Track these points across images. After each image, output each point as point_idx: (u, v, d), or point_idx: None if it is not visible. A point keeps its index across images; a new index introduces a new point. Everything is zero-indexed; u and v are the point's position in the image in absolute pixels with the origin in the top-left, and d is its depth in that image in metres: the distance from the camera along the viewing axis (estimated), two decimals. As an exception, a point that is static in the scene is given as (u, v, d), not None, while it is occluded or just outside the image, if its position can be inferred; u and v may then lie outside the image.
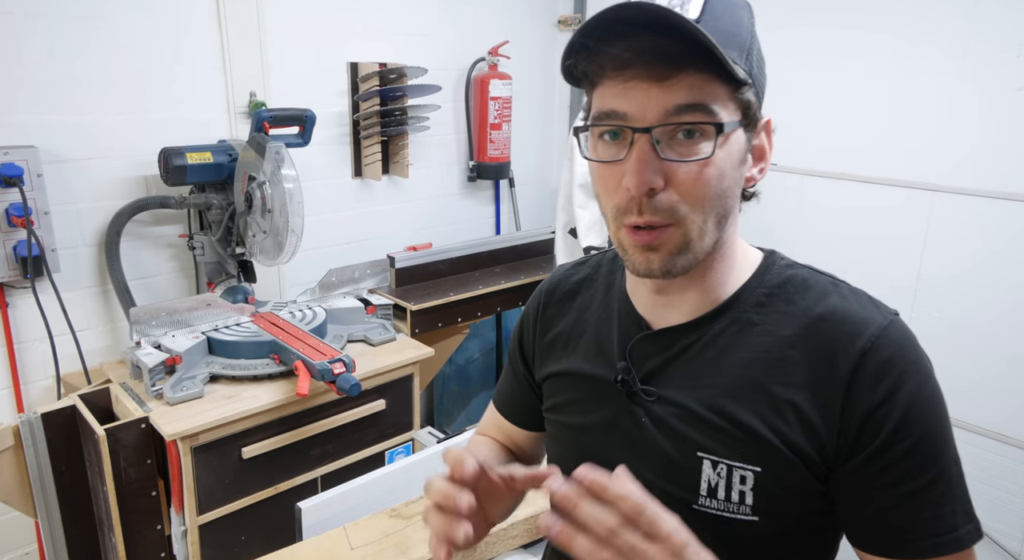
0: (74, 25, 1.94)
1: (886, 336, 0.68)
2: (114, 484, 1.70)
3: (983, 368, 2.12)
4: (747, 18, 0.68)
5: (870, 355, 0.67)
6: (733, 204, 0.69)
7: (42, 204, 1.92)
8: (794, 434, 0.67)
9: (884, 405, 0.66)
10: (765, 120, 0.70)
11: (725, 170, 0.66)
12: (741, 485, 0.69)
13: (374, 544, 1.27)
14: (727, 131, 0.64)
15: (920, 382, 0.67)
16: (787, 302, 0.72)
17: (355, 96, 2.52)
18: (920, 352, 0.69)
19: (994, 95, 2.00)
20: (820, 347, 0.68)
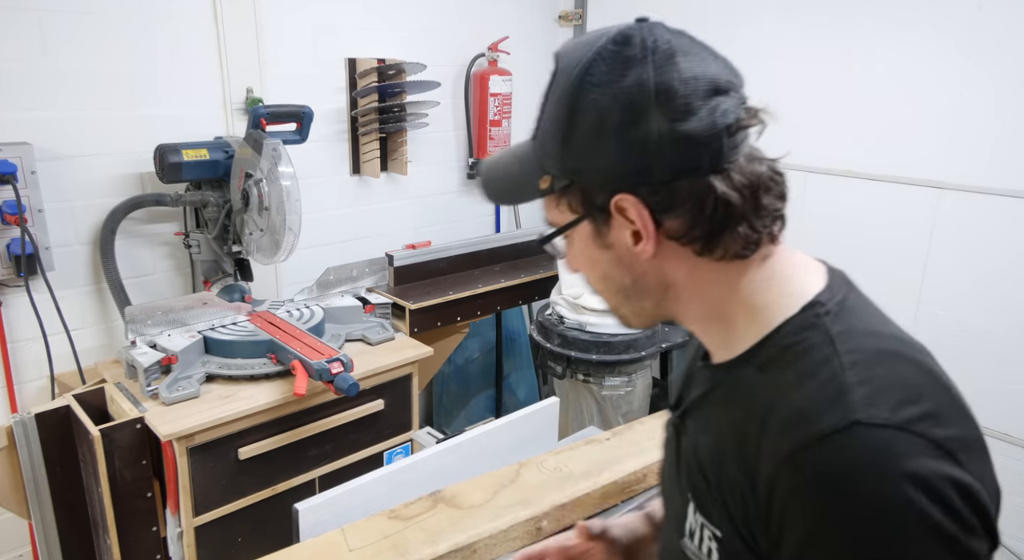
0: (68, 20, 1.91)
1: (815, 454, 0.57)
2: (109, 485, 1.68)
3: (989, 368, 2.10)
4: (559, 111, 0.67)
5: (787, 467, 0.58)
6: (628, 281, 0.71)
7: (36, 202, 1.91)
8: (744, 519, 0.64)
9: (796, 539, 0.58)
10: (612, 201, 0.66)
11: (587, 262, 0.74)
12: (710, 541, 0.69)
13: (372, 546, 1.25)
14: (562, 234, 0.74)
15: (830, 527, 0.56)
16: (779, 370, 0.65)
17: (353, 92, 2.50)
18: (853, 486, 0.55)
19: (1001, 90, 1.98)
20: (763, 432, 0.61)
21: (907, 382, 0.60)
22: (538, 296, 2.69)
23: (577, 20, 3.05)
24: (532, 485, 1.42)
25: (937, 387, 0.62)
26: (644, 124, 0.63)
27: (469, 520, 1.32)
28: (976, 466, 0.57)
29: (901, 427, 0.56)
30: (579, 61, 0.66)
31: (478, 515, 1.33)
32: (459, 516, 1.33)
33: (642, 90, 0.63)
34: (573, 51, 0.68)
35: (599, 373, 2.30)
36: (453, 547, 1.24)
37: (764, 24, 2.44)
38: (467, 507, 1.36)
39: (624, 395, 2.34)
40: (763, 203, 0.67)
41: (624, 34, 0.66)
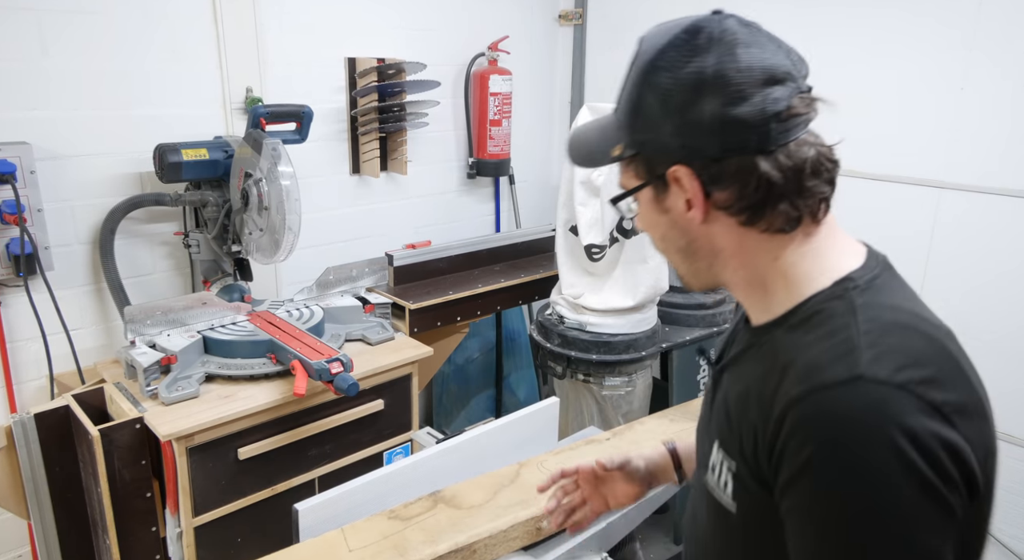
0: (67, 20, 1.91)
1: (819, 398, 0.65)
2: (108, 485, 1.68)
3: (990, 367, 2.08)
4: (633, 90, 0.77)
5: (794, 408, 0.66)
6: (680, 241, 0.81)
7: (35, 201, 1.90)
8: (754, 454, 0.73)
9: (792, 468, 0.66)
10: (670, 171, 0.75)
11: (649, 223, 0.83)
12: (727, 474, 0.78)
13: (372, 546, 1.25)
14: (630, 197, 0.83)
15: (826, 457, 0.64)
16: (804, 332, 0.73)
17: (353, 92, 2.50)
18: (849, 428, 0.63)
19: (1002, 89, 1.97)
20: (782, 378, 0.70)
21: (914, 349, 0.67)
22: (538, 296, 2.69)
23: (577, 19, 3.04)
24: (532, 485, 1.42)
25: (943, 357, 0.69)
26: (700, 106, 0.71)
27: (469, 520, 1.31)
28: (970, 429, 0.66)
29: (900, 386, 0.64)
30: (655, 46, 0.74)
31: (478, 515, 1.33)
32: (459, 516, 1.33)
33: (701, 76, 0.71)
34: (653, 37, 0.76)
35: (599, 373, 2.29)
36: (453, 547, 1.24)
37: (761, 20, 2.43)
38: (467, 507, 1.36)
39: (624, 395, 2.34)
40: (807, 185, 0.74)
41: (697, 25, 0.73)
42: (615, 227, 2.19)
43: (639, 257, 2.22)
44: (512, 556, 1.32)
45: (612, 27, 2.96)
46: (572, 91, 3.18)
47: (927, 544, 0.63)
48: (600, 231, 2.21)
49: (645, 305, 2.28)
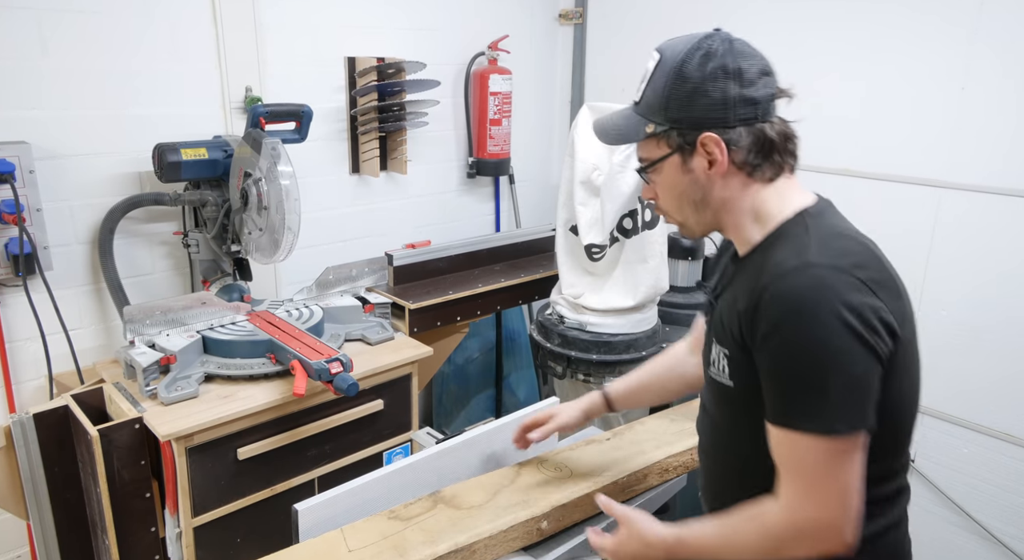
0: (66, 19, 1.91)
1: (782, 279, 0.95)
2: (107, 485, 1.68)
3: (991, 368, 2.10)
4: (665, 82, 1.03)
5: (766, 291, 0.96)
6: (697, 195, 1.07)
7: (34, 201, 1.90)
8: (740, 334, 1.00)
9: (765, 329, 0.96)
10: (699, 138, 1.02)
11: (671, 184, 1.08)
12: (723, 360, 1.06)
13: (372, 547, 1.24)
14: (657, 165, 1.08)
15: (788, 318, 0.93)
16: (775, 247, 1.02)
17: (352, 91, 2.49)
18: (810, 292, 0.92)
19: (1003, 88, 1.97)
20: (760, 278, 0.98)
21: (848, 248, 0.99)
22: (538, 296, 2.68)
23: (577, 19, 3.04)
24: (532, 485, 1.42)
25: (870, 255, 1.00)
26: (724, 89, 1.00)
27: (469, 520, 1.31)
28: (888, 299, 0.95)
29: (837, 268, 0.94)
30: (681, 52, 1.02)
31: (478, 516, 1.32)
32: (459, 516, 1.32)
33: (725, 68, 1.00)
34: (675, 46, 1.04)
35: (599, 373, 2.29)
36: (453, 547, 1.24)
37: (761, 19, 2.43)
38: (467, 507, 1.35)
39: (624, 395, 2.34)
40: (788, 147, 1.07)
41: (711, 36, 1.04)
42: (615, 227, 2.19)
43: (639, 257, 2.22)
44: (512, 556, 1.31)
45: (612, 26, 2.96)
46: (572, 90, 3.17)
47: (859, 372, 0.92)
48: (600, 231, 2.20)
49: (645, 305, 2.28)
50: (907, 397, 1.01)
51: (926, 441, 2.26)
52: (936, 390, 2.21)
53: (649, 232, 2.19)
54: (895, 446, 1.03)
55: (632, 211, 2.17)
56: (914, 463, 2.29)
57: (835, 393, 0.91)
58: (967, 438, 2.17)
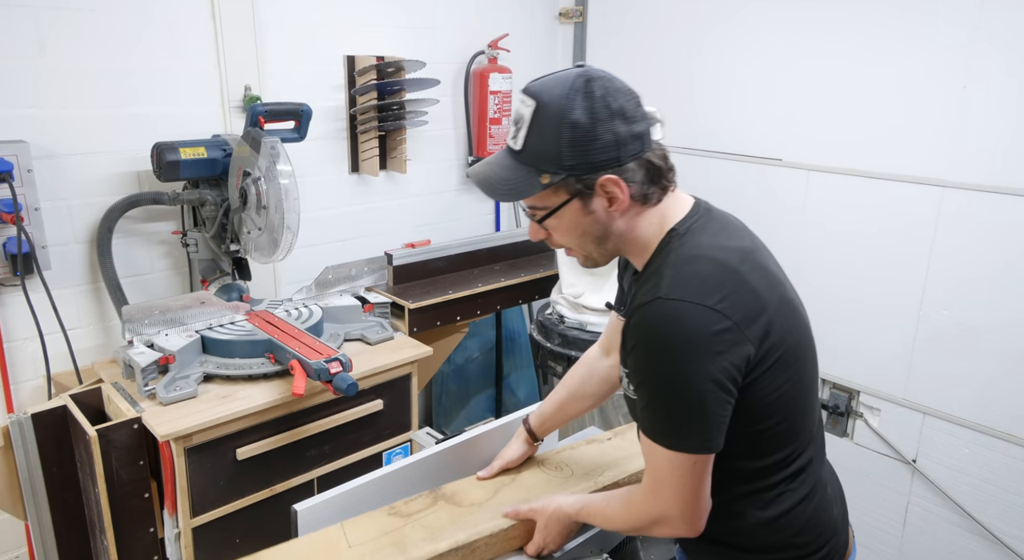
0: (65, 17, 1.90)
1: (637, 312, 1.05)
2: (106, 486, 1.67)
3: (992, 367, 2.09)
4: (554, 131, 1.02)
5: (629, 320, 1.06)
6: (599, 232, 1.10)
7: (32, 200, 1.89)
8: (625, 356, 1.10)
9: (624, 356, 1.09)
10: (599, 180, 1.04)
11: (571, 226, 1.10)
12: (626, 379, 1.11)
13: (372, 542, 1.24)
14: (557, 212, 1.08)
15: (637, 346, 1.04)
16: (647, 274, 1.10)
17: (352, 90, 2.49)
18: (657, 325, 1.02)
19: (1005, 87, 1.96)
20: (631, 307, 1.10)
21: (700, 273, 1.03)
22: (538, 295, 2.68)
23: (578, 17, 3.03)
24: (533, 484, 1.41)
25: (724, 275, 1.03)
26: (613, 130, 1.02)
27: (470, 518, 1.30)
28: (743, 316, 1.01)
29: (685, 301, 1.00)
30: (561, 97, 1.02)
31: (479, 513, 1.32)
32: (459, 514, 1.32)
33: (609, 109, 1.02)
34: (552, 91, 1.04)
35: (600, 373, 2.28)
36: (453, 545, 1.23)
37: (762, 18, 2.43)
38: (467, 505, 1.35)
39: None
40: (668, 166, 1.10)
41: (583, 75, 1.05)
42: None
43: (640, 256, 2.21)
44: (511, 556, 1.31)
45: (613, 25, 2.95)
46: (572, 90, 3.16)
47: (702, 402, 1.00)
48: (600, 230, 2.20)
49: (646, 304, 2.27)
50: (792, 391, 1.09)
51: (928, 441, 2.26)
52: (937, 390, 2.21)
53: (649, 231, 2.19)
54: (789, 435, 1.12)
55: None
56: (916, 463, 2.29)
57: (678, 419, 1.03)
58: (969, 438, 2.16)
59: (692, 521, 1.08)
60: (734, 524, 1.14)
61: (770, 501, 1.12)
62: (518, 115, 1.07)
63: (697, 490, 1.06)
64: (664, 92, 2.74)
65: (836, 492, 1.24)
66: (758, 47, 2.45)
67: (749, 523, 1.13)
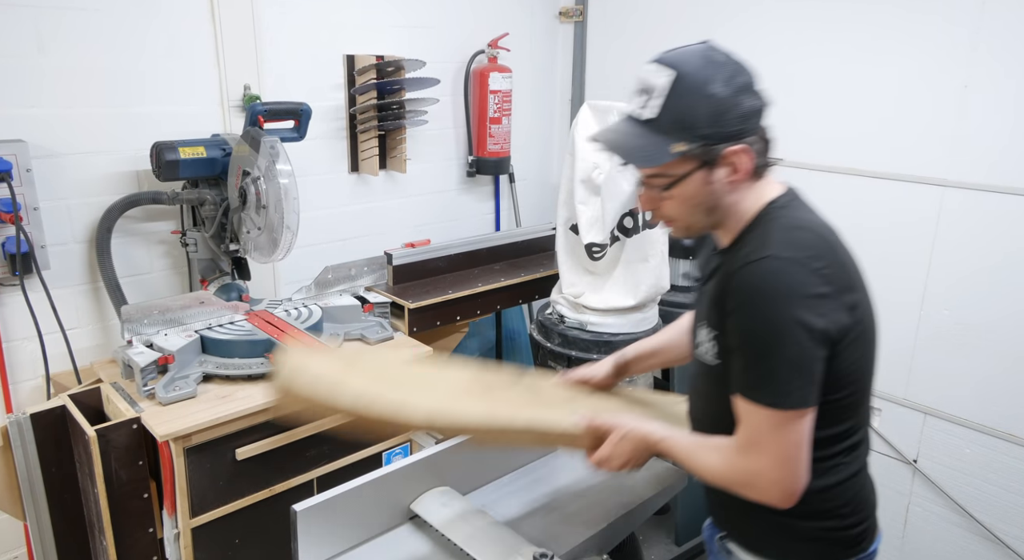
0: (64, 17, 1.90)
1: (746, 269, 1.08)
2: (105, 486, 1.67)
3: (993, 367, 2.09)
4: (693, 101, 1.07)
5: (733, 279, 1.10)
6: (712, 202, 1.15)
7: (31, 200, 1.89)
8: (718, 317, 1.14)
9: (730, 311, 1.11)
10: (726, 151, 1.09)
11: (689, 195, 1.14)
12: (708, 342, 1.17)
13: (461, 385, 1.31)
14: (682, 181, 1.13)
15: (745, 302, 1.08)
16: (746, 241, 1.15)
17: (352, 89, 2.48)
18: (764, 281, 1.06)
19: (1006, 87, 1.96)
20: (732, 267, 1.12)
21: (805, 241, 1.10)
22: (538, 295, 2.67)
23: (578, 16, 3.03)
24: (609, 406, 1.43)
25: (825, 247, 1.10)
26: (745, 103, 1.09)
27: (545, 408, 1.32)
28: (838, 286, 1.08)
29: (793, 260, 1.06)
30: (700, 69, 1.07)
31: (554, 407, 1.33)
32: (536, 401, 1.34)
33: (743, 86, 1.09)
34: (691, 62, 1.08)
35: (600, 372, 2.28)
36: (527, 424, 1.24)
37: (763, 18, 2.42)
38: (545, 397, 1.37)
39: (625, 395, 2.33)
40: (771, 145, 1.16)
41: (716, 50, 1.10)
42: (616, 226, 2.18)
43: (640, 256, 2.20)
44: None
45: (613, 24, 2.94)
46: (572, 89, 3.16)
47: (804, 355, 1.05)
48: (601, 230, 2.19)
49: (646, 304, 2.27)
50: (862, 368, 1.15)
51: (929, 441, 2.25)
52: (938, 390, 2.20)
53: (650, 231, 2.18)
54: (852, 409, 1.17)
55: (633, 210, 2.16)
56: (916, 463, 2.28)
57: (781, 372, 1.06)
58: (969, 438, 2.16)
59: (787, 487, 1.09)
60: None
61: (826, 470, 1.17)
62: (649, 84, 1.09)
63: (797, 452, 1.08)
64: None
65: (872, 481, 1.30)
66: (759, 47, 2.44)
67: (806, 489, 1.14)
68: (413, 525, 1.45)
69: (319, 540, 1.33)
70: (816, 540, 1.21)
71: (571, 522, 1.46)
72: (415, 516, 1.44)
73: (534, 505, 1.52)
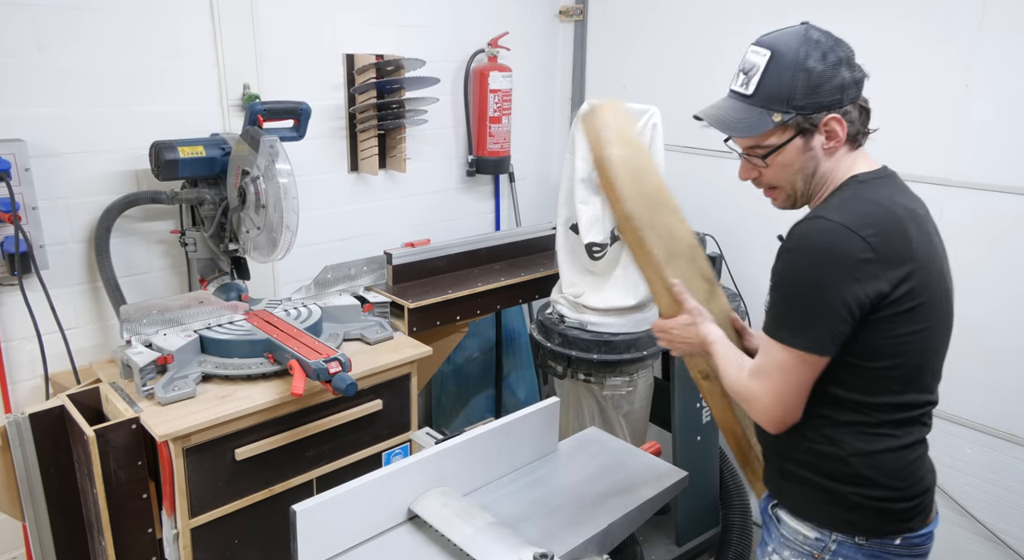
0: (63, 16, 1.89)
1: (798, 226, 1.20)
2: (104, 486, 1.66)
3: (995, 367, 2.08)
4: (790, 75, 1.19)
5: (789, 233, 1.22)
6: (811, 169, 1.25)
7: (30, 199, 1.88)
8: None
9: (777, 257, 1.22)
10: (824, 119, 1.20)
11: (788, 162, 1.25)
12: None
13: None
14: (781, 148, 1.24)
15: (788, 249, 1.19)
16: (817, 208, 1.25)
17: (351, 88, 2.48)
18: (811, 236, 1.17)
19: (1007, 87, 1.95)
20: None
21: (865, 211, 1.17)
22: (538, 295, 2.67)
23: (578, 15, 3.02)
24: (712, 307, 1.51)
25: (888, 221, 1.17)
26: (840, 75, 1.19)
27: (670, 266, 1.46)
28: (888, 256, 1.15)
29: (842, 224, 1.15)
30: (796, 47, 1.19)
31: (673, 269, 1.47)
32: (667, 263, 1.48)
33: (839, 59, 1.19)
34: (787, 42, 1.20)
35: (600, 373, 2.27)
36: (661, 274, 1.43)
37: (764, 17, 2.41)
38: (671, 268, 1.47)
39: (625, 395, 2.32)
40: (870, 115, 1.26)
41: (812, 30, 1.21)
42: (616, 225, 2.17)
43: (640, 255, 2.20)
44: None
45: (613, 23, 2.94)
46: (573, 88, 3.16)
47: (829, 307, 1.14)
48: (601, 229, 2.19)
49: (647, 304, 2.26)
50: (914, 346, 1.21)
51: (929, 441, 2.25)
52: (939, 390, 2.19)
53: (650, 231, 2.18)
54: (902, 383, 1.22)
55: (633, 209, 2.15)
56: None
57: (800, 319, 1.18)
58: (970, 439, 2.16)
59: (775, 416, 1.24)
60: (831, 450, 1.25)
61: (870, 436, 1.23)
62: (750, 64, 1.22)
63: (791, 389, 1.21)
64: (665, 91, 2.73)
65: (930, 462, 1.34)
66: (759, 45, 2.43)
67: (846, 451, 1.23)
68: (413, 525, 1.44)
69: (319, 540, 1.33)
70: (858, 507, 1.25)
71: (571, 522, 1.46)
72: (415, 516, 1.44)
73: (534, 505, 1.52)
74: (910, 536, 1.26)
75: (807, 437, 1.27)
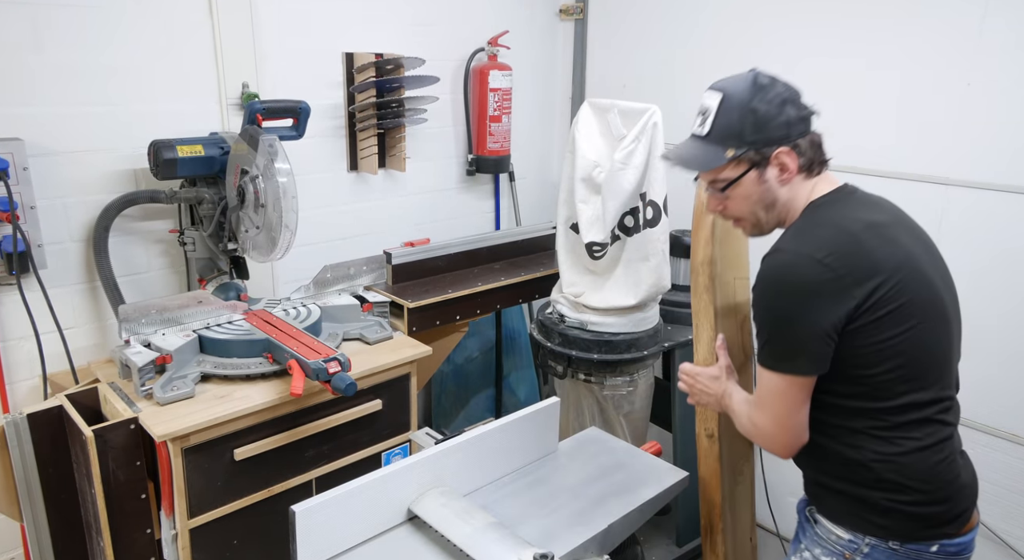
0: (62, 14, 1.89)
1: (761, 263, 1.30)
2: (102, 486, 1.66)
3: (996, 367, 2.08)
4: (738, 115, 1.30)
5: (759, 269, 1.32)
6: (769, 199, 1.36)
7: (28, 198, 1.88)
8: None
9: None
10: (774, 152, 1.31)
11: (747, 194, 1.36)
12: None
13: None
14: (737, 181, 1.34)
15: (755, 287, 1.31)
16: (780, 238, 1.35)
17: (351, 87, 2.47)
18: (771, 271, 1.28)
19: (1009, 85, 1.95)
20: None
21: (819, 235, 1.27)
22: (538, 294, 2.66)
23: (578, 14, 3.02)
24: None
25: (844, 240, 1.25)
26: (787, 113, 1.30)
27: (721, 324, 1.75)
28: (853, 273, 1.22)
29: (797, 253, 1.25)
30: (744, 89, 1.30)
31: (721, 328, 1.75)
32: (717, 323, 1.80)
33: (784, 100, 1.30)
34: (736, 85, 1.32)
35: (600, 373, 2.27)
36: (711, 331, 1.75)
37: (765, 17, 2.41)
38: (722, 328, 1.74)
39: (626, 395, 2.32)
40: (823, 148, 1.36)
41: (759, 75, 1.31)
42: (616, 225, 2.16)
43: (641, 255, 2.19)
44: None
45: (614, 22, 2.93)
46: (573, 87, 3.15)
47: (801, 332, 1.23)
48: (601, 229, 2.18)
49: (647, 304, 2.26)
50: (906, 346, 1.24)
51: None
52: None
53: (651, 230, 2.17)
54: (907, 383, 1.26)
55: (633, 209, 2.15)
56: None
57: (780, 346, 1.28)
58: (971, 438, 2.14)
59: (782, 442, 1.33)
60: (853, 456, 1.30)
61: (887, 439, 1.27)
62: (704, 107, 1.34)
63: (790, 412, 1.29)
64: (665, 89, 2.72)
65: (968, 466, 1.37)
66: (760, 45, 2.43)
67: (867, 456, 1.28)
68: (413, 525, 1.44)
69: (318, 541, 1.32)
70: (890, 512, 1.28)
71: (571, 522, 1.46)
72: (415, 516, 1.44)
73: (534, 505, 1.52)
74: (947, 543, 1.28)
75: (830, 448, 1.33)
